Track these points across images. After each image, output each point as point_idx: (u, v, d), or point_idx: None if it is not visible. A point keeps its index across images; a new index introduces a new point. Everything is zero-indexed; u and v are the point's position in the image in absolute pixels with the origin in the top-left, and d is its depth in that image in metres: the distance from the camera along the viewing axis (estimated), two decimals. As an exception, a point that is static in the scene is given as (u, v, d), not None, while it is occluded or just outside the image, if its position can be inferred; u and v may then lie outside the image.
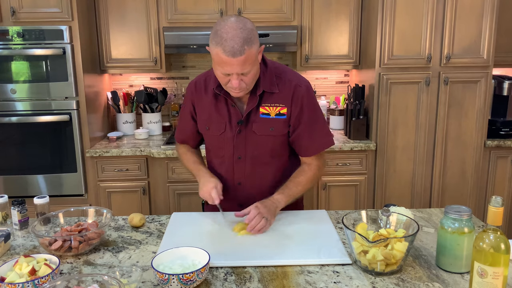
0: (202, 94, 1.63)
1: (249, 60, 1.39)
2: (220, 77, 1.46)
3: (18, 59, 2.74)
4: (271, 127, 1.58)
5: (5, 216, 1.58)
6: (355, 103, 3.00)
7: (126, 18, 3.04)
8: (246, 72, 1.42)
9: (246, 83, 1.46)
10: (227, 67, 1.39)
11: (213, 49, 1.39)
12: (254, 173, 1.64)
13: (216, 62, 1.41)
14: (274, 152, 1.64)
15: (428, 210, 1.71)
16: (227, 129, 1.60)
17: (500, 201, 1.03)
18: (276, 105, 1.57)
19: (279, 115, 1.58)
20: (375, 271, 1.21)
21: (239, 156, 1.62)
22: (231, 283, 1.19)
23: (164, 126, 3.41)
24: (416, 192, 3.02)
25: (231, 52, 1.35)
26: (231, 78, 1.43)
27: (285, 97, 1.57)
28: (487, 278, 1.03)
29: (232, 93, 1.50)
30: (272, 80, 1.56)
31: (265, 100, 1.57)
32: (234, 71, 1.40)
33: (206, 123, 1.64)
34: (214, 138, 1.65)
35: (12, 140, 2.83)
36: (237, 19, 1.40)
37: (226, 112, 1.60)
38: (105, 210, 1.51)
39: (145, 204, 2.96)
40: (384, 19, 2.81)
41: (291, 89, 1.57)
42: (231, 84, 1.44)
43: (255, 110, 1.58)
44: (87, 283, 1.07)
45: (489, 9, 2.80)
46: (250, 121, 1.58)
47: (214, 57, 1.40)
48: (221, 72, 1.42)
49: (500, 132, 3.03)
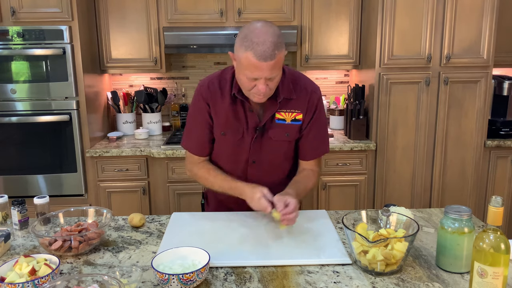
0: (217, 97, 1.57)
1: (278, 65, 1.40)
2: (245, 82, 1.44)
3: (18, 59, 2.74)
4: (286, 133, 1.59)
5: (5, 216, 1.58)
6: (355, 103, 3.00)
7: (126, 18, 3.04)
8: (273, 77, 1.42)
9: (271, 88, 1.45)
10: (256, 71, 1.38)
11: (242, 54, 1.38)
12: (266, 175, 1.64)
13: (244, 66, 1.39)
14: (287, 155, 1.66)
15: (428, 210, 1.71)
16: (245, 135, 1.58)
17: (500, 201, 1.03)
18: (292, 111, 1.57)
19: (295, 121, 1.59)
20: (375, 271, 1.21)
21: (253, 160, 1.62)
22: (231, 283, 1.19)
23: (164, 126, 3.41)
24: (416, 192, 3.02)
25: (262, 57, 1.34)
26: (257, 83, 1.42)
27: (301, 103, 1.58)
28: (487, 278, 1.03)
29: (255, 98, 1.47)
30: (289, 87, 1.56)
31: (282, 106, 1.56)
32: (263, 76, 1.39)
33: (222, 128, 1.59)
34: (229, 144, 1.61)
35: (12, 140, 2.83)
36: (265, 23, 1.40)
37: (244, 117, 1.57)
38: (105, 210, 1.51)
39: (145, 204, 2.96)
40: (384, 19, 2.81)
41: (307, 95, 1.58)
42: (257, 89, 1.43)
43: (272, 116, 1.57)
44: (87, 283, 1.07)
45: (489, 9, 2.80)
46: (266, 127, 1.58)
47: (243, 61, 1.38)
48: (249, 76, 1.40)
49: (500, 132, 3.03)
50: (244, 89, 1.48)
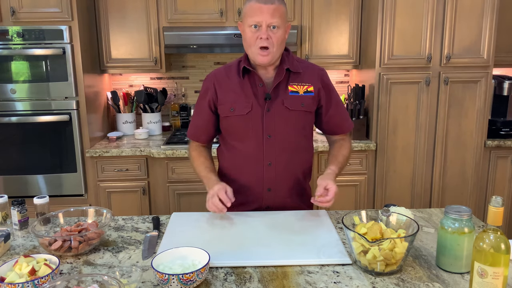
0: (224, 80, 1.67)
1: (278, 13, 1.52)
2: (249, 37, 1.55)
3: (18, 59, 2.74)
4: (301, 102, 1.63)
5: (5, 216, 1.58)
6: (355, 103, 3.00)
7: (126, 18, 3.04)
8: (275, 25, 1.52)
9: (274, 41, 1.53)
10: (258, 14, 1.51)
11: (246, 6, 1.55)
12: (284, 153, 1.64)
13: (248, 15, 1.54)
14: (306, 132, 1.69)
15: (428, 210, 1.71)
16: (254, 108, 1.61)
17: (500, 201, 1.03)
18: (303, 84, 1.65)
19: (307, 93, 1.65)
20: (375, 271, 1.21)
21: (269, 134, 1.62)
22: (231, 283, 1.19)
23: (164, 126, 3.41)
24: (416, 192, 3.02)
25: (263, 0, 1.51)
26: (260, 33, 1.52)
27: (310, 77, 1.67)
28: (487, 278, 1.03)
29: (259, 58, 1.55)
30: (294, 62, 1.66)
31: (292, 79, 1.64)
32: (265, 19, 1.51)
33: (231, 104, 1.63)
34: (239, 119, 1.63)
35: (12, 140, 2.83)
36: None
37: (252, 91, 1.63)
38: (105, 210, 1.51)
39: (145, 204, 2.96)
40: (384, 19, 2.81)
41: (315, 71, 1.69)
42: (259, 40, 1.52)
43: (284, 88, 1.63)
44: (87, 283, 1.07)
45: (489, 9, 2.80)
46: (280, 98, 1.62)
47: (247, 11, 1.54)
48: (252, 24, 1.52)
49: (500, 132, 3.03)
50: (249, 47, 1.57)
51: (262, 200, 1.67)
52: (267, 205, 1.68)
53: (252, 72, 1.62)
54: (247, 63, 1.62)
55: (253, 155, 1.63)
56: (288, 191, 1.68)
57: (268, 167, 1.64)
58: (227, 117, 1.65)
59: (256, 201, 1.67)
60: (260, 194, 1.66)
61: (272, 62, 1.59)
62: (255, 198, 1.67)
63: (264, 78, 1.63)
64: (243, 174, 1.67)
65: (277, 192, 1.66)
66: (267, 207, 1.68)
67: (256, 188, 1.66)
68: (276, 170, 1.64)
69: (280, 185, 1.65)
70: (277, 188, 1.65)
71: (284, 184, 1.66)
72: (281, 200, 1.68)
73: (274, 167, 1.64)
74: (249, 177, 1.66)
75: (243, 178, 1.67)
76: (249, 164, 1.64)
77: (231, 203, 1.53)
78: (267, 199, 1.67)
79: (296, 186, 1.70)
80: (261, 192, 1.66)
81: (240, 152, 1.66)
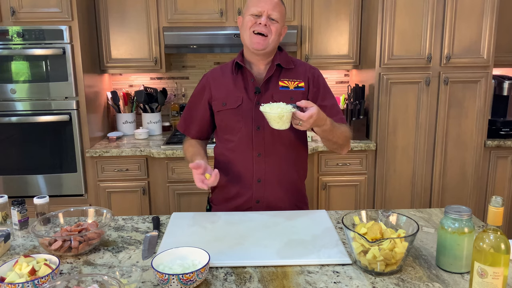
0: (219, 77, 1.73)
1: (279, 9, 1.61)
2: (248, 22, 1.61)
3: (18, 59, 2.74)
4: (291, 97, 1.65)
5: (5, 216, 1.58)
6: (355, 103, 3.00)
7: (126, 18, 3.04)
8: (274, 18, 1.60)
9: (272, 30, 1.61)
10: (260, 5, 1.59)
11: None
12: (274, 145, 1.66)
13: (250, 5, 1.62)
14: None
15: (428, 210, 1.71)
16: (245, 101, 1.66)
17: (500, 201, 1.03)
18: (294, 80, 1.69)
19: (298, 88, 1.68)
20: (375, 271, 1.21)
21: (257, 126, 1.65)
22: (231, 283, 1.19)
23: (164, 126, 3.41)
24: (416, 192, 3.02)
25: None
26: (259, 20, 1.59)
27: (301, 74, 1.70)
28: (487, 278, 1.03)
29: (255, 44, 1.60)
30: (287, 58, 1.72)
31: (284, 75, 1.68)
32: (266, 8, 1.59)
33: (223, 99, 1.69)
34: (231, 113, 1.67)
35: (12, 140, 2.83)
36: None
37: (243, 86, 1.68)
38: (105, 210, 1.51)
39: (145, 204, 2.96)
40: (384, 19, 2.81)
41: (306, 68, 1.72)
42: (257, 25, 1.59)
43: (275, 83, 1.66)
44: (87, 283, 1.06)
45: (489, 9, 2.80)
46: (270, 92, 1.65)
47: (249, 2, 1.62)
48: (253, 12, 1.59)
49: (500, 132, 3.03)
50: (246, 30, 1.62)
51: (252, 191, 1.68)
52: (258, 198, 1.68)
53: (244, 69, 1.68)
54: (240, 59, 1.69)
55: (243, 146, 1.68)
56: (278, 183, 1.69)
57: (257, 158, 1.66)
58: (219, 111, 1.70)
59: (246, 193, 1.69)
60: (250, 185, 1.68)
61: (266, 50, 1.63)
62: (245, 189, 1.69)
63: (256, 74, 1.69)
64: (234, 165, 1.70)
65: (267, 184, 1.67)
66: (258, 201, 1.69)
67: (246, 179, 1.68)
68: (266, 161, 1.67)
69: (269, 175, 1.67)
70: (267, 179, 1.67)
71: (274, 175, 1.67)
72: (271, 193, 1.68)
73: (263, 158, 1.66)
74: (239, 167, 1.69)
75: (234, 169, 1.70)
76: (240, 155, 1.68)
77: (215, 178, 1.53)
78: (257, 190, 1.68)
79: (287, 180, 1.71)
80: (251, 184, 1.68)
81: (232, 144, 1.70)
